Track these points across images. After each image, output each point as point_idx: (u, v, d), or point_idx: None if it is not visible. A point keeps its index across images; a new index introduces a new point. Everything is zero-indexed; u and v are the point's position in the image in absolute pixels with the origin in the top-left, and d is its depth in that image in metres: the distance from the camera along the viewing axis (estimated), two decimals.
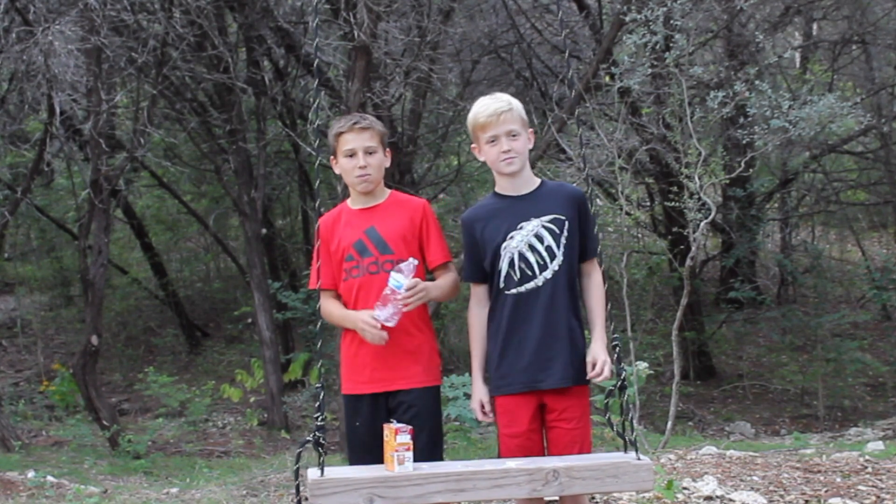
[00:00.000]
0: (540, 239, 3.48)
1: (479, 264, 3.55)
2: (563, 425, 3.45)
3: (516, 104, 3.55)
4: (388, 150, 3.71)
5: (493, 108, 3.51)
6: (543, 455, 3.46)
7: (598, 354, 3.45)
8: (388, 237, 3.60)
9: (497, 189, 3.61)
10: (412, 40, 9.42)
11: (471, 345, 3.59)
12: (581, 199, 3.55)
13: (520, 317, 3.47)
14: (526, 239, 3.48)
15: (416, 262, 3.49)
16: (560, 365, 3.44)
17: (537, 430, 3.49)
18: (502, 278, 3.50)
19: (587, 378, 3.46)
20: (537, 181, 3.59)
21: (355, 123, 3.64)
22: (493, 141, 3.50)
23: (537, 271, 3.46)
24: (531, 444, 3.46)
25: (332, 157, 3.72)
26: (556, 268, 3.46)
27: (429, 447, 3.52)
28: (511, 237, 3.49)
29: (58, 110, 8.85)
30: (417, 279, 3.48)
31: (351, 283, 3.62)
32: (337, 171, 3.73)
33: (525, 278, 3.47)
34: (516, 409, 3.48)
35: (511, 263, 3.48)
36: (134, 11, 9.27)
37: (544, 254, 3.47)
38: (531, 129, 3.61)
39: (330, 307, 3.65)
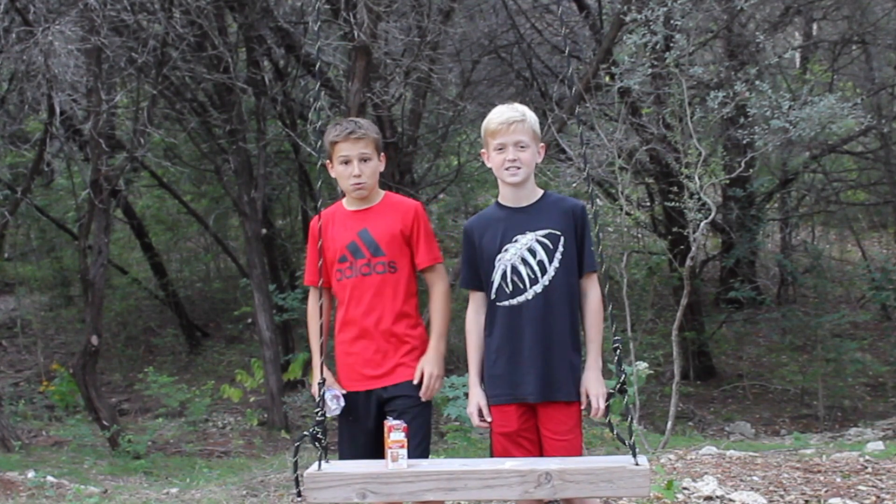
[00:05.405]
0: (533, 253, 3.48)
1: (478, 272, 3.58)
2: (550, 436, 3.46)
3: (531, 116, 3.54)
4: (382, 154, 3.76)
5: (506, 116, 3.51)
6: (536, 454, 3.47)
7: (591, 386, 3.44)
8: (381, 239, 3.66)
9: (499, 198, 3.61)
10: (412, 40, 9.42)
11: (468, 351, 3.61)
12: (579, 214, 3.52)
13: (510, 329, 3.48)
14: (519, 252, 3.49)
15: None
16: (549, 379, 3.44)
17: (531, 430, 3.50)
18: (494, 290, 3.52)
19: (582, 407, 3.47)
20: (539, 193, 3.58)
21: (350, 133, 3.68)
22: (500, 149, 3.51)
23: (528, 285, 3.47)
24: (526, 443, 3.48)
25: (327, 160, 3.78)
26: (547, 283, 3.46)
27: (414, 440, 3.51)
28: (506, 249, 3.50)
29: (58, 110, 8.84)
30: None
31: (344, 283, 3.70)
32: (333, 175, 3.80)
33: (516, 291, 3.48)
34: (506, 411, 3.51)
35: (504, 276, 3.50)
36: (134, 11, 9.26)
37: (536, 268, 3.47)
38: (542, 144, 3.60)
39: (311, 327, 3.72)
